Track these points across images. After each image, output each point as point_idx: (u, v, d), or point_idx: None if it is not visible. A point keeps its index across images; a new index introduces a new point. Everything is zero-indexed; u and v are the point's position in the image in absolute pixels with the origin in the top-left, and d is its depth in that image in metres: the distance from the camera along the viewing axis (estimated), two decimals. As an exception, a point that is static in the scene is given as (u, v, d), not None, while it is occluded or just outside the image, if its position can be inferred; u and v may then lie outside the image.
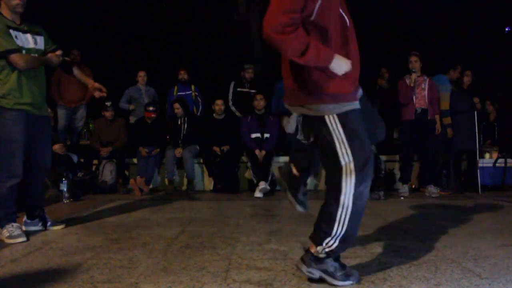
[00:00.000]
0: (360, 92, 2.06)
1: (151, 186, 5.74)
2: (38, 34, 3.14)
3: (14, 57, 2.90)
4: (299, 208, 2.31)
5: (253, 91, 6.41)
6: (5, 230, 2.96)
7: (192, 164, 5.80)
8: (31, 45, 3.06)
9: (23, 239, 2.93)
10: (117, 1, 10.29)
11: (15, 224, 3.01)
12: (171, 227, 3.32)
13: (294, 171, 2.38)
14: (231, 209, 4.22)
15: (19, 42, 2.98)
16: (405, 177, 5.28)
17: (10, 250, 2.69)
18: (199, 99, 6.73)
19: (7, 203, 3.02)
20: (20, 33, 3.01)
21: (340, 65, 1.88)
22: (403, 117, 5.23)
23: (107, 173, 5.67)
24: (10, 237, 2.93)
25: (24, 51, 2.99)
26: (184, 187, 5.94)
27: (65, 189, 4.79)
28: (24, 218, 3.27)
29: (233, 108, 6.53)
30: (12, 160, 2.95)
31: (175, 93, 6.58)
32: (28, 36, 3.05)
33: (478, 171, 5.55)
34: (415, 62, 5.12)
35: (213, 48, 11.23)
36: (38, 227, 3.28)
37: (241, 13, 9.73)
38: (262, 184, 5.21)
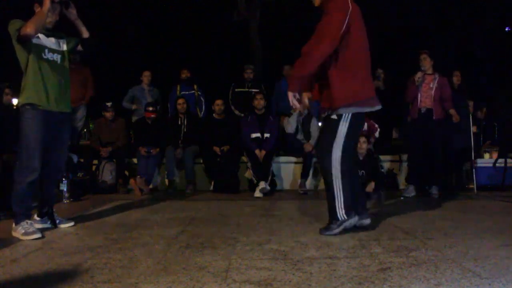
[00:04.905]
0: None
1: (151, 186, 5.74)
2: (61, 38, 3.30)
3: (22, 28, 2.96)
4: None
5: (253, 90, 6.42)
6: (20, 228, 3.01)
7: (192, 164, 5.80)
8: (54, 46, 3.22)
9: (38, 235, 2.98)
10: (118, 1, 10.30)
11: (29, 221, 3.08)
12: (171, 227, 3.32)
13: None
14: (231, 209, 4.22)
15: (42, 42, 3.13)
16: (411, 177, 5.23)
17: (10, 250, 2.69)
18: (202, 98, 6.74)
19: (26, 198, 3.09)
20: (44, 36, 3.16)
21: None
22: (410, 116, 5.19)
23: (107, 173, 5.67)
24: (25, 234, 2.97)
25: (47, 50, 3.14)
26: (184, 187, 5.94)
27: (65, 189, 4.79)
28: (34, 216, 3.32)
29: (232, 107, 6.56)
30: (32, 157, 3.04)
31: (178, 93, 6.60)
32: (51, 39, 3.22)
33: (474, 170, 5.57)
34: (423, 60, 4.97)
35: (213, 48, 11.24)
36: (47, 225, 3.34)
37: (241, 13, 9.74)
38: (262, 184, 5.21)
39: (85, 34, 3.35)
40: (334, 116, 2.94)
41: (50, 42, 3.20)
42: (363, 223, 3.12)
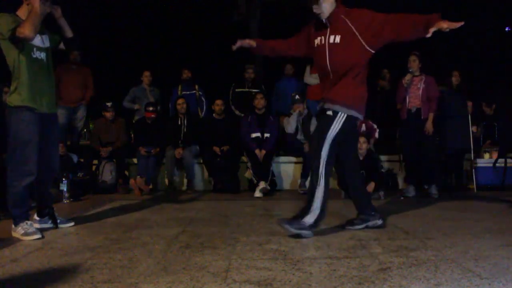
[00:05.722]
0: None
1: (151, 186, 5.74)
2: (44, 33, 3.22)
3: (19, 29, 2.90)
4: None
5: (255, 90, 6.43)
6: (19, 228, 3.01)
7: (192, 164, 5.80)
8: (39, 44, 3.15)
9: (39, 236, 2.98)
10: (118, 1, 10.30)
11: (29, 222, 3.07)
12: (171, 227, 3.32)
13: None
14: (231, 209, 4.22)
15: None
16: (410, 177, 5.25)
17: (10, 250, 2.69)
18: (203, 99, 6.75)
19: (22, 201, 3.08)
20: None
21: None
22: (400, 117, 5.24)
23: (107, 173, 5.68)
24: (25, 234, 2.98)
25: (35, 49, 3.09)
26: (184, 187, 5.94)
27: (65, 189, 4.79)
28: (34, 216, 3.32)
29: (233, 107, 6.57)
30: (28, 160, 3.01)
31: (179, 93, 6.60)
32: (37, 35, 3.12)
33: (473, 170, 5.58)
34: (413, 62, 5.09)
35: (213, 48, 11.23)
36: (48, 225, 3.33)
37: (241, 13, 9.74)
38: (262, 184, 5.21)
39: (69, 33, 3.30)
40: (329, 112, 3.00)
41: (37, 39, 3.11)
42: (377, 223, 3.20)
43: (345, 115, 2.98)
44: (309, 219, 2.92)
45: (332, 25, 3.02)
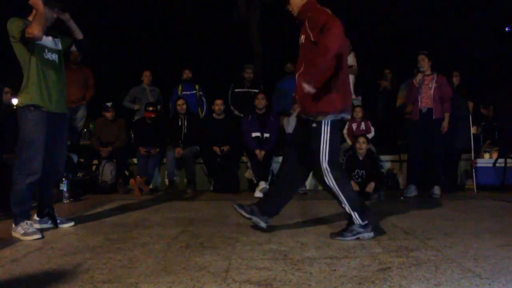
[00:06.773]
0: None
1: (151, 186, 5.74)
2: (56, 37, 3.29)
3: (27, 30, 2.95)
4: None
5: (254, 90, 6.43)
6: (19, 228, 3.02)
7: (192, 164, 5.80)
8: (52, 45, 3.21)
9: (39, 236, 2.99)
10: (119, 1, 10.31)
11: (29, 222, 3.08)
12: (171, 227, 3.32)
13: None
14: (231, 209, 4.20)
15: (43, 41, 3.11)
16: (412, 177, 5.24)
17: (10, 250, 2.69)
18: (203, 99, 6.74)
19: (24, 200, 3.09)
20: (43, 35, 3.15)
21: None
22: (410, 117, 5.20)
23: (107, 173, 5.68)
24: (25, 234, 2.98)
25: (46, 50, 3.15)
26: (184, 187, 5.93)
27: (65, 189, 4.79)
28: (34, 216, 3.32)
29: (232, 107, 6.57)
30: (33, 158, 3.03)
31: (180, 93, 6.60)
32: (49, 37, 3.20)
33: (474, 170, 5.58)
34: (422, 61, 5.04)
35: (213, 48, 11.24)
36: (48, 225, 3.34)
37: (241, 13, 9.75)
38: (262, 184, 5.21)
39: (79, 35, 3.34)
40: (314, 125, 2.84)
41: (49, 41, 3.19)
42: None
43: (329, 121, 2.81)
44: (356, 220, 2.84)
45: (304, 23, 2.83)
